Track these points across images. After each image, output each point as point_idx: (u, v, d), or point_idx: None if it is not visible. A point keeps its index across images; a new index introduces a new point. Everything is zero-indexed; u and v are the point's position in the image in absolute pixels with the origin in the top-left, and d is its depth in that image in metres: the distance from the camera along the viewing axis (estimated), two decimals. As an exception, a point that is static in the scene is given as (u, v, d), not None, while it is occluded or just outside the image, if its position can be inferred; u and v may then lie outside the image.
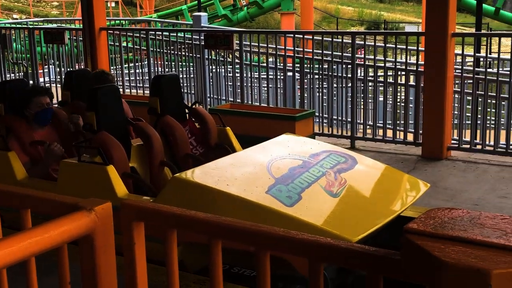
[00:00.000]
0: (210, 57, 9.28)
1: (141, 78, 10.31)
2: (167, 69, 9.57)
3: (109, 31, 9.75)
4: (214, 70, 9.43)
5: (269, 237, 1.66)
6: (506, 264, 1.14)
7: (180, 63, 9.73)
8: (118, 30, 10.24)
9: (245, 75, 8.77)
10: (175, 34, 9.69)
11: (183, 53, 9.72)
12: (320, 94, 9.08)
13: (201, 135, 5.26)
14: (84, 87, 5.47)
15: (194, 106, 5.39)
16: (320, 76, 8.52)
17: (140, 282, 1.87)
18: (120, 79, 9.89)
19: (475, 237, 1.25)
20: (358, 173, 4.34)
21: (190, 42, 9.36)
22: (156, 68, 9.94)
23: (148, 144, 4.69)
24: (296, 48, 8.29)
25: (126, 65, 10.83)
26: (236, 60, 8.60)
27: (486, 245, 1.23)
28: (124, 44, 9.98)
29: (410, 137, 7.45)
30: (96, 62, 9.25)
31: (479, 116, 7.47)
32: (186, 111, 5.39)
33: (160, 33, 9.57)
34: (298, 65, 8.33)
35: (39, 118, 4.92)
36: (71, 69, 10.17)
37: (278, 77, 9.37)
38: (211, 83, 9.37)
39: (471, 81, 7.14)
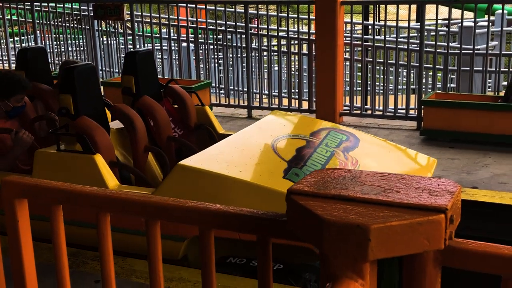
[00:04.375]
0: (100, 28, 8.99)
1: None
2: (55, 42, 9.18)
3: (-10, 3, 9.21)
4: (105, 42, 9.15)
5: (159, 206, 1.64)
6: (383, 219, 1.19)
7: (69, 36, 9.36)
8: (1, 2, 9.68)
9: (138, 46, 8.58)
10: (62, 5, 9.28)
11: (72, 25, 9.36)
12: (216, 64, 9.06)
13: (179, 116, 4.85)
14: (41, 66, 4.99)
15: (169, 84, 4.94)
16: (215, 47, 8.48)
17: (26, 260, 1.80)
18: (6, 53, 9.38)
19: (356, 195, 1.29)
20: (366, 151, 4.16)
21: (79, 13, 9.02)
22: (44, 42, 9.50)
23: (131, 128, 4.24)
24: (190, 18, 8.19)
25: (12, 39, 10.28)
26: (128, 31, 8.38)
27: (366, 201, 1.27)
28: (8, 17, 9.46)
29: (305, 105, 7.61)
30: (-23, 36, 8.73)
31: (368, 82, 7.73)
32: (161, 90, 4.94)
33: (46, 4, 9.12)
34: (193, 35, 8.25)
35: (12, 112, 4.39)
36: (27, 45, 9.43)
37: (173, 48, 9.25)
38: (102, 56, 9.10)
39: (360, 48, 7.36)
